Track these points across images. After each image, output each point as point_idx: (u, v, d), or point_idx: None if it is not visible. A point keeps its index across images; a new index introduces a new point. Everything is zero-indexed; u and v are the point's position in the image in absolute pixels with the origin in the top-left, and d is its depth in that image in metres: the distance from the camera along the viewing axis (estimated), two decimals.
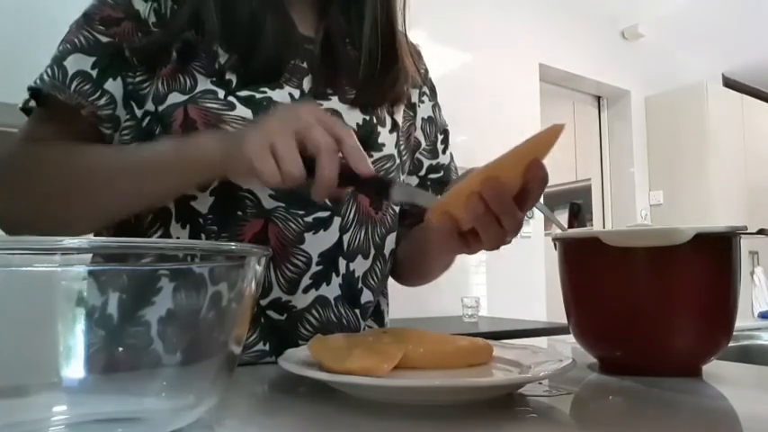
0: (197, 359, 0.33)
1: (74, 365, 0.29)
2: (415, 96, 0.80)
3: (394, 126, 0.73)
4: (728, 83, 4.24)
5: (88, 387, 0.30)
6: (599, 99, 3.71)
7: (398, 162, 0.72)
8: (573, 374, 0.52)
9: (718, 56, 4.07)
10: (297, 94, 0.65)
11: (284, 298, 0.63)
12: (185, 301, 0.32)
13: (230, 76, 0.61)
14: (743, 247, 0.54)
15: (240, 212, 0.61)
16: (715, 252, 0.52)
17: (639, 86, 3.65)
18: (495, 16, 2.86)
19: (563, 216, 3.62)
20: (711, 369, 0.56)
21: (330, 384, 0.43)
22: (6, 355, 0.28)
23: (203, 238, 0.61)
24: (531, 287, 2.81)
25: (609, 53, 3.49)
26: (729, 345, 0.54)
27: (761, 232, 0.53)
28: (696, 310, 0.52)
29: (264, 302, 0.63)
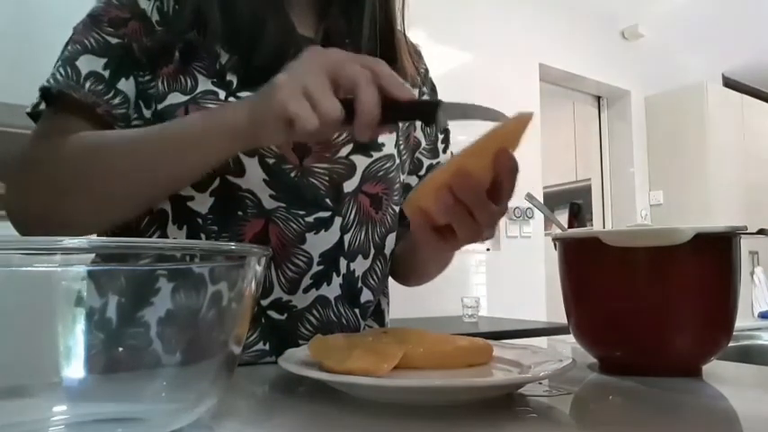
0: (197, 359, 0.33)
1: (74, 366, 0.29)
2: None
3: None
4: (728, 83, 4.24)
5: (88, 387, 0.30)
6: (599, 99, 3.71)
7: (398, 162, 0.72)
8: (573, 374, 0.52)
9: (718, 56, 4.07)
10: None
11: (285, 298, 0.63)
12: (185, 302, 0.31)
13: (231, 76, 0.62)
14: (743, 247, 0.54)
15: (241, 212, 0.61)
16: (715, 252, 0.52)
17: (639, 86, 3.65)
18: (495, 16, 2.86)
19: (563, 216, 3.62)
20: (711, 369, 0.56)
21: (330, 384, 0.43)
22: (6, 355, 0.28)
23: (203, 238, 0.61)
24: (531, 287, 2.81)
25: (609, 53, 3.49)
26: (729, 345, 0.54)
27: (761, 232, 0.53)
28: (696, 310, 0.52)
29: (265, 302, 0.63)
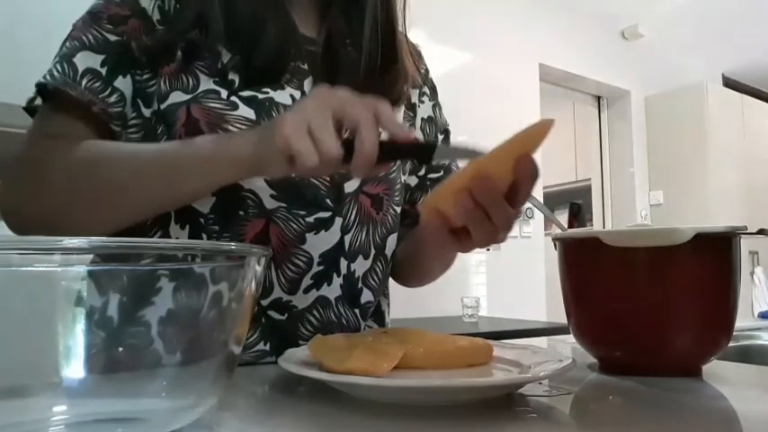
0: (197, 359, 0.33)
1: (74, 365, 0.29)
2: (414, 97, 0.80)
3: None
4: (728, 83, 4.24)
5: (88, 387, 0.30)
6: (599, 99, 3.71)
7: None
8: (573, 374, 0.52)
9: (718, 56, 4.07)
10: (298, 95, 0.65)
11: (285, 298, 0.63)
12: (185, 302, 0.32)
13: (233, 76, 0.62)
14: (743, 247, 0.54)
15: (242, 212, 0.61)
16: (715, 252, 0.52)
17: (639, 86, 3.65)
18: (495, 16, 2.86)
19: (563, 216, 3.62)
20: (711, 369, 0.56)
21: (330, 384, 0.43)
22: (6, 355, 0.28)
23: (204, 238, 0.61)
24: (531, 287, 2.81)
25: (609, 53, 3.49)
26: (729, 345, 0.54)
27: (761, 232, 0.53)
28: (696, 310, 0.52)
29: (265, 302, 0.63)
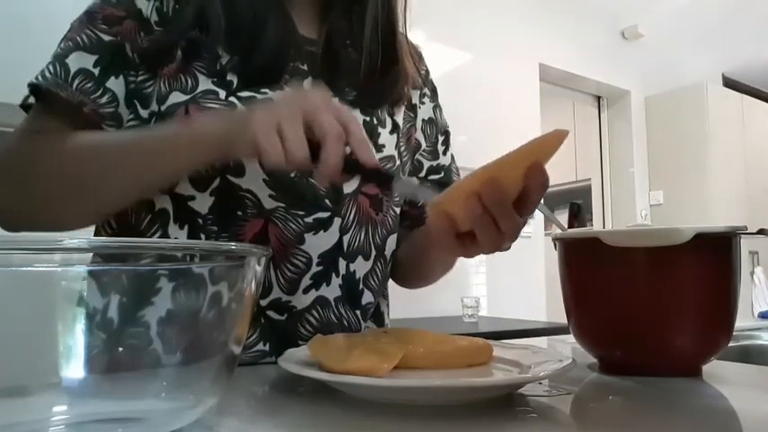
0: (197, 359, 0.33)
1: (74, 365, 0.29)
2: (415, 98, 0.80)
3: (394, 127, 0.73)
4: (728, 83, 4.24)
5: (88, 387, 0.30)
6: (599, 99, 3.71)
7: (399, 163, 0.72)
8: (573, 374, 0.52)
9: (718, 56, 4.07)
10: None
11: (284, 298, 0.63)
12: (185, 302, 0.32)
13: (231, 76, 0.62)
14: (743, 247, 0.54)
15: (240, 212, 0.61)
16: (715, 252, 0.52)
17: (639, 86, 3.65)
18: (495, 16, 2.86)
19: (563, 216, 3.62)
20: (711, 369, 0.56)
21: (330, 384, 0.43)
22: (6, 355, 0.28)
23: (203, 238, 0.61)
24: (531, 287, 2.81)
25: (609, 53, 3.49)
26: (729, 345, 0.54)
27: (761, 232, 0.53)
28: (696, 310, 0.52)
29: (264, 302, 0.63)
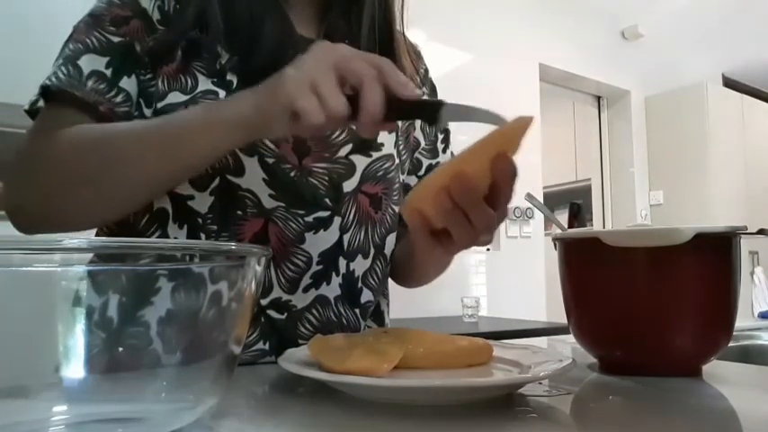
0: (197, 359, 0.33)
1: (74, 365, 0.29)
2: None
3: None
4: (728, 83, 4.24)
5: (88, 387, 0.30)
6: (599, 99, 3.71)
7: (397, 162, 0.72)
8: (573, 374, 0.52)
9: (719, 56, 4.07)
10: None
11: (284, 297, 0.63)
12: (184, 302, 0.31)
13: (231, 76, 0.62)
14: (743, 247, 0.54)
15: (240, 212, 0.61)
16: (715, 252, 0.52)
17: (639, 86, 3.65)
18: (495, 16, 2.86)
19: (563, 216, 3.62)
20: (711, 369, 0.56)
21: (330, 384, 0.43)
22: (6, 355, 0.28)
23: (203, 237, 0.61)
24: (531, 287, 2.81)
25: (609, 53, 3.49)
26: (729, 345, 0.54)
27: (761, 232, 0.53)
28: (696, 310, 0.52)
29: (264, 302, 0.63)
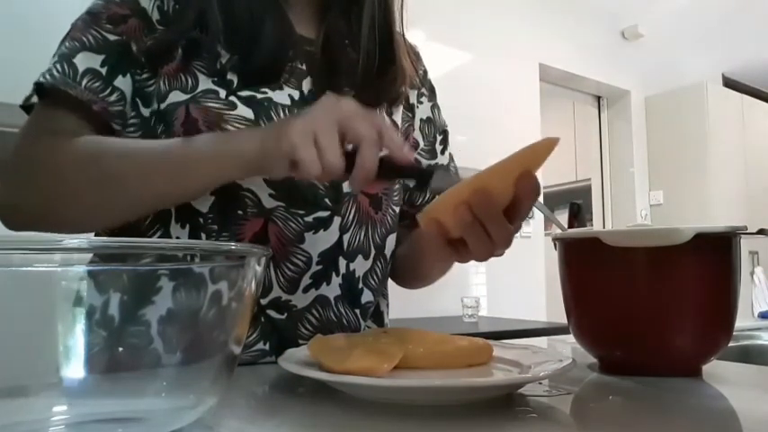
0: (197, 359, 0.33)
1: (74, 365, 0.29)
2: (413, 97, 0.80)
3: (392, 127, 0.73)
4: (728, 83, 4.24)
5: (88, 387, 0.30)
6: (599, 99, 3.71)
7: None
8: (573, 374, 0.52)
9: (718, 56, 4.07)
10: (296, 95, 0.65)
11: (284, 297, 0.63)
12: (185, 301, 0.31)
13: (231, 76, 0.62)
14: (743, 247, 0.54)
15: (240, 212, 0.61)
16: (715, 252, 0.52)
17: (639, 86, 3.65)
18: (495, 16, 2.86)
19: (563, 216, 3.62)
20: (711, 369, 0.56)
21: (330, 384, 0.43)
22: (6, 355, 0.28)
23: (203, 237, 0.61)
24: (531, 287, 2.81)
25: (609, 53, 3.49)
26: (729, 345, 0.54)
27: (761, 232, 0.53)
28: (696, 310, 0.52)
29: (264, 302, 0.63)
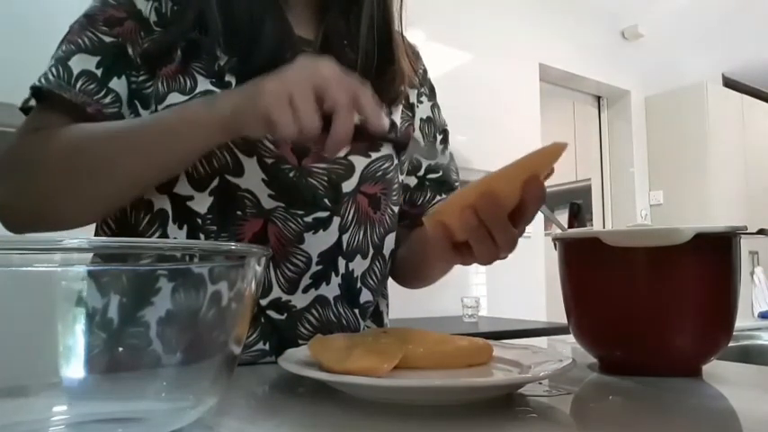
0: (197, 359, 0.33)
1: (74, 365, 0.29)
2: (413, 97, 0.80)
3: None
4: (728, 83, 4.23)
5: (88, 387, 0.30)
6: (599, 99, 3.71)
7: (396, 162, 0.72)
8: (573, 374, 0.52)
9: (718, 56, 4.07)
10: None
11: (284, 297, 0.63)
12: (185, 302, 0.31)
13: (230, 77, 0.62)
14: (743, 247, 0.54)
15: (240, 212, 0.61)
16: (715, 252, 0.52)
17: (639, 86, 3.65)
18: (495, 16, 2.85)
19: (563, 216, 3.62)
20: (711, 369, 0.56)
21: (330, 384, 0.43)
22: (6, 355, 0.28)
23: (202, 237, 0.61)
24: (531, 287, 2.81)
25: (609, 53, 3.49)
26: (729, 345, 0.54)
27: (761, 232, 0.53)
28: (696, 310, 0.52)
29: (264, 302, 0.63)
